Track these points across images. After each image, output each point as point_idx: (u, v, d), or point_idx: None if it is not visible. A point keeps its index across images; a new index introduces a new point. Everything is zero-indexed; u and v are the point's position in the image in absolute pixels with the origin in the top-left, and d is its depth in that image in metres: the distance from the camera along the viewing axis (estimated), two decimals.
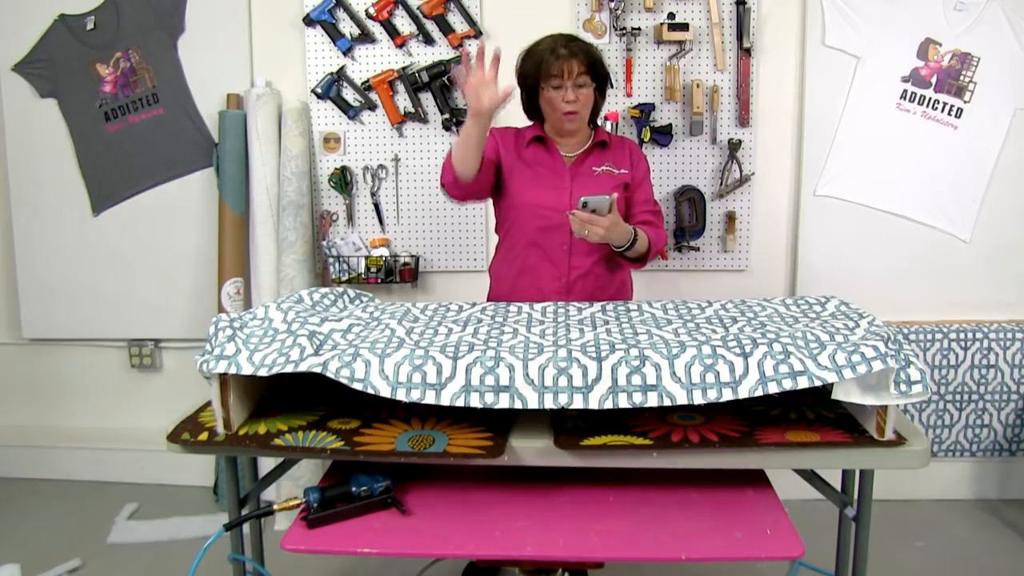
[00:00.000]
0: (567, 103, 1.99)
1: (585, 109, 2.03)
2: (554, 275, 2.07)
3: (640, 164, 2.15)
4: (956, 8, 2.68)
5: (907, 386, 1.37)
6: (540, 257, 2.08)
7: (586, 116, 2.06)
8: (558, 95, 1.99)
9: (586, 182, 2.05)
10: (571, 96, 1.98)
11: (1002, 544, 2.62)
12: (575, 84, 1.98)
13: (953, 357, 2.80)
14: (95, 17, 2.89)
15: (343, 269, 2.87)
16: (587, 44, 2.03)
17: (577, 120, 2.03)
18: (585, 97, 2.01)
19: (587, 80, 2.00)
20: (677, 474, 1.50)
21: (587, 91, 2.01)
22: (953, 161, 2.76)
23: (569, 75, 1.97)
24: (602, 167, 2.08)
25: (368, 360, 1.42)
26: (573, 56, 1.97)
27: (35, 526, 2.79)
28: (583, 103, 2.01)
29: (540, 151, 2.10)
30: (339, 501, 1.43)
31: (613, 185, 2.03)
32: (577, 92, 1.99)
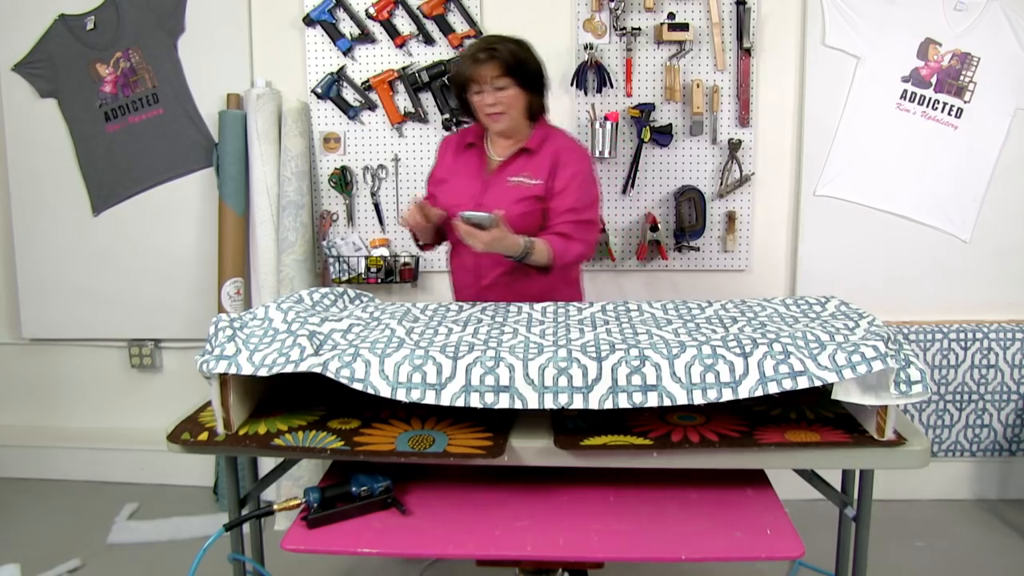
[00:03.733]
0: (487, 106, 2.04)
1: (512, 109, 2.05)
2: (468, 282, 2.17)
3: (563, 172, 2.07)
4: (956, 8, 2.68)
5: (907, 386, 1.37)
6: (459, 264, 2.20)
7: (515, 116, 2.07)
8: (480, 99, 2.05)
9: (497, 193, 2.07)
10: (490, 100, 2.03)
11: (1002, 544, 2.62)
12: (494, 87, 2.02)
13: (953, 357, 2.80)
14: (95, 17, 2.89)
15: (343, 269, 2.87)
16: (510, 45, 2.04)
17: (504, 120, 2.06)
18: (508, 98, 2.03)
19: (508, 82, 2.02)
20: (677, 474, 1.50)
21: (509, 92, 2.03)
22: (953, 161, 2.76)
23: (485, 79, 2.02)
24: (518, 177, 2.08)
25: (368, 360, 1.42)
26: (489, 60, 2.00)
27: (35, 526, 2.79)
28: (506, 104, 2.04)
29: (472, 158, 2.16)
30: (339, 501, 1.43)
31: (519, 198, 2.05)
32: (497, 95, 2.02)
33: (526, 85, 2.06)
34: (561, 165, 2.07)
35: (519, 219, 2.01)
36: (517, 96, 2.05)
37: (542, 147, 2.10)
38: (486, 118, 2.06)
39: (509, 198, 2.05)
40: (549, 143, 2.11)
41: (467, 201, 2.06)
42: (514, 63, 2.02)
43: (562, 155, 2.09)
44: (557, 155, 2.08)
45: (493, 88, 2.02)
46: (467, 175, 2.14)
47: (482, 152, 2.15)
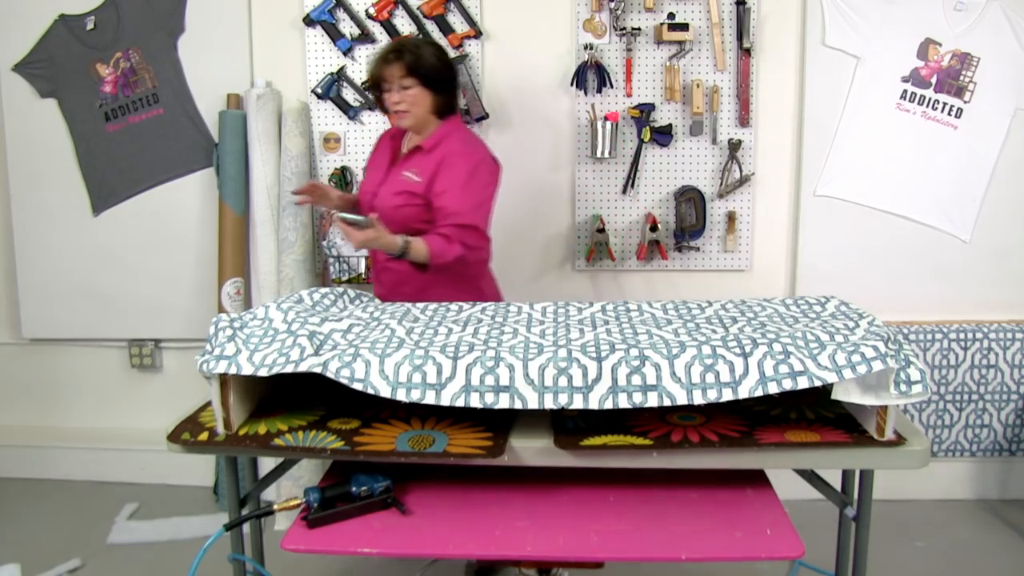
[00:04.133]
0: (393, 104, 2.18)
1: (415, 108, 2.17)
2: (372, 263, 2.38)
3: (444, 174, 2.15)
4: (956, 8, 2.68)
5: (907, 386, 1.37)
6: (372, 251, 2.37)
7: (420, 114, 2.19)
8: (388, 98, 2.19)
9: (391, 184, 2.23)
10: (395, 97, 2.17)
11: (1002, 544, 2.62)
12: (400, 86, 2.15)
13: (953, 357, 2.80)
14: (95, 17, 2.89)
15: (343, 269, 2.87)
16: (417, 47, 2.18)
17: (408, 118, 2.19)
18: (412, 97, 2.16)
19: (412, 82, 2.15)
20: (677, 474, 1.50)
21: (413, 91, 2.16)
22: (953, 161, 2.76)
23: (392, 78, 2.15)
24: (408, 172, 2.20)
25: (368, 360, 1.42)
26: (396, 61, 2.14)
27: (35, 526, 2.79)
28: (410, 102, 2.16)
29: (389, 150, 2.33)
30: (339, 501, 1.43)
31: (399, 191, 2.19)
32: (402, 94, 2.16)
33: (430, 85, 2.18)
34: (445, 168, 2.16)
35: (393, 210, 2.17)
36: (421, 95, 2.17)
37: (436, 147, 2.20)
38: (393, 115, 2.21)
39: (393, 189, 2.21)
40: (444, 145, 2.20)
41: (373, 188, 2.28)
42: (418, 64, 2.15)
43: (448, 159, 2.17)
44: (444, 158, 2.17)
45: (399, 87, 2.15)
46: (379, 165, 2.32)
47: (398, 145, 2.32)
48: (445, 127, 2.24)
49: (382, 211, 2.16)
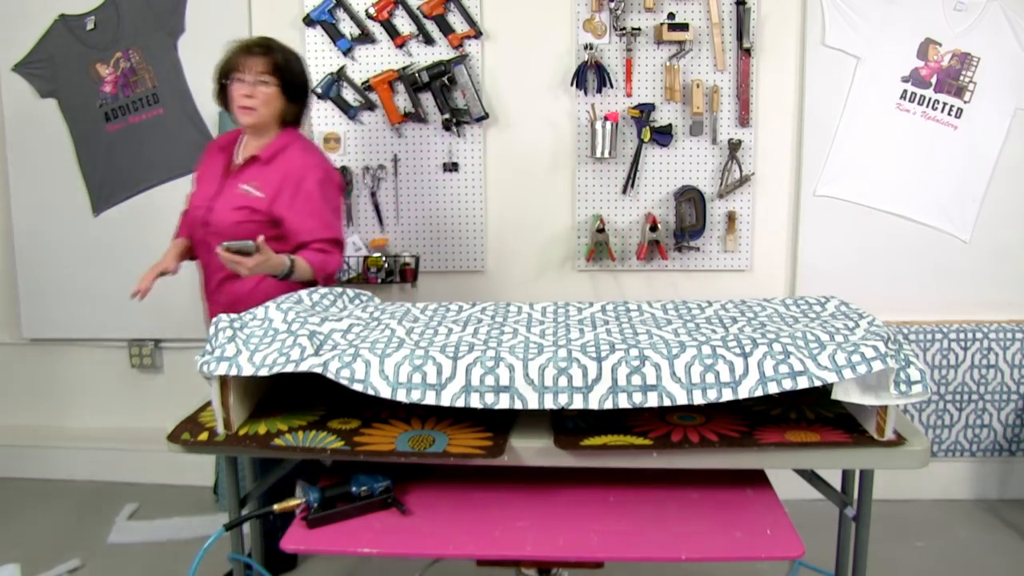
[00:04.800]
0: (243, 97, 2.05)
1: (265, 108, 2.07)
2: (204, 281, 2.23)
3: (299, 196, 2.06)
4: (956, 8, 2.68)
5: (907, 386, 1.38)
6: (203, 264, 2.23)
7: (266, 116, 2.09)
8: (238, 90, 2.05)
9: (226, 197, 2.10)
10: (247, 91, 2.04)
11: (1002, 544, 2.62)
12: (256, 80, 2.04)
13: (953, 357, 2.80)
14: (95, 17, 2.89)
15: (343, 269, 2.87)
16: (284, 50, 2.11)
17: (253, 117, 2.07)
18: (266, 95, 2.06)
19: (273, 80, 2.06)
20: (677, 474, 1.50)
21: (268, 90, 2.06)
22: (953, 161, 2.76)
23: (250, 69, 2.04)
24: (247, 185, 2.08)
25: (368, 360, 1.42)
26: (263, 55, 2.05)
27: (35, 526, 2.79)
28: (262, 100, 2.05)
29: (221, 161, 2.18)
30: (339, 501, 1.43)
31: (239, 206, 2.06)
32: (256, 88, 2.04)
33: (287, 90, 2.10)
34: (293, 184, 2.06)
35: (233, 227, 2.04)
36: (276, 97, 2.08)
37: (275, 159, 2.09)
38: (238, 109, 2.07)
39: (231, 204, 2.08)
40: (283, 158, 2.09)
41: (204, 204, 2.13)
42: (284, 65, 2.08)
43: (294, 173, 2.07)
44: (289, 174, 2.07)
45: (256, 81, 2.04)
46: (211, 177, 2.17)
47: (229, 156, 2.18)
48: (284, 137, 2.13)
49: (219, 227, 2.07)
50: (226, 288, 2.15)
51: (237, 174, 2.12)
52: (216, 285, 2.17)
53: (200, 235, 2.16)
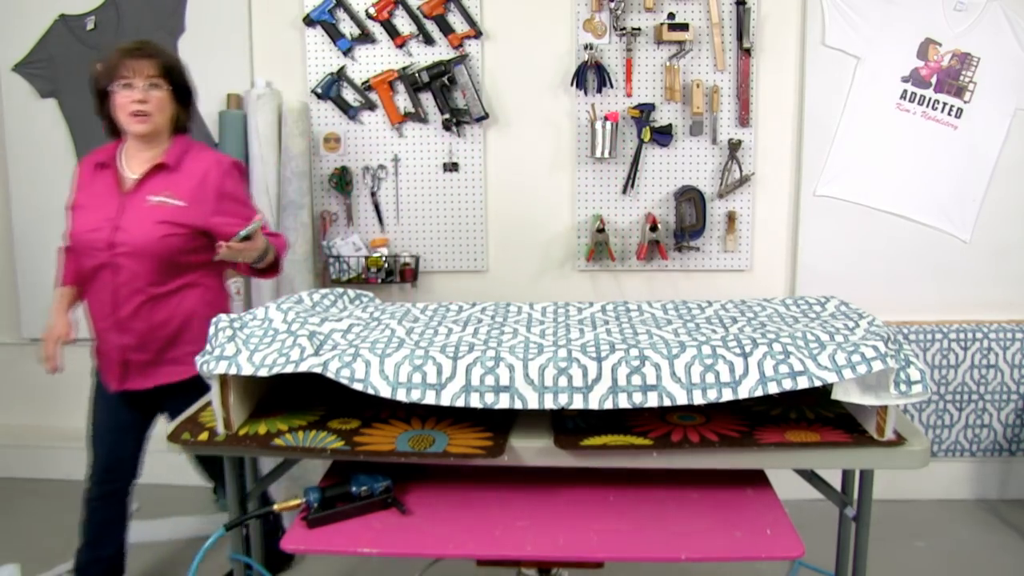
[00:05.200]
0: (135, 103, 1.89)
1: (159, 114, 1.93)
2: (105, 312, 2.00)
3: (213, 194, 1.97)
4: (956, 8, 2.68)
5: (907, 386, 1.37)
6: (95, 297, 2.01)
7: (161, 122, 1.95)
8: (127, 96, 1.90)
9: (136, 214, 1.92)
10: (139, 95, 1.89)
11: (1002, 544, 2.62)
12: (147, 84, 1.90)
13: (953, 357, 2.80)
14: (95, 17, 2.89)
15: (343, 269, 2.87)
16: (166, 51, 1.98)
17: (148, 123, 1.92)
18: (159, 100, 1.92)
19: (163, 83, 1.92)
20: (677, 474, 1.50)
21: (161, 94, 1.93)
22: (953, 161, 2.76)
23: (139, 74, 1.89)
24: (159, 196, 1.93)
25: (368, 360, 1.42)
26: (151, 57, 1.91)
27: (35, 526, 2.79)
28: (155, 106, 1.92)
29: (106, 178, 1.98)
30: (339, 501, 1.43)
31: (161, 219, 1.91)
32: (149, 93, 1.90)
33: (178, 94, 1.98)
34: (218, 187, 1.96)
35: (157, 243, 1.90)
36: (167, 102, 1.95)
37: (182, 163, 1.97)
38: (129, 117, 1.90)
39: (150, 219, 1.91)
40: (191, 160, 1.98)
41: (104, 225, 1.92)
42: (173, 67, 1.96)
43: (211, 176, 1.97)
44: (205, 177, 1.96)
45: (147, 86, 1.90)
46: (102, 197, 1.96)
47: (115, 171, 1.97)
48: (181, 142, 2.00)
49: (136, 245, 1.90)
50: (145, 313, 1.96)
51: (139, 188, 1.94)
52: (132, 312, 1.96)
53: (103, 259, 1.93)
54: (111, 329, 1.99)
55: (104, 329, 2.02)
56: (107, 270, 1.95)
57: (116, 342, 2.00)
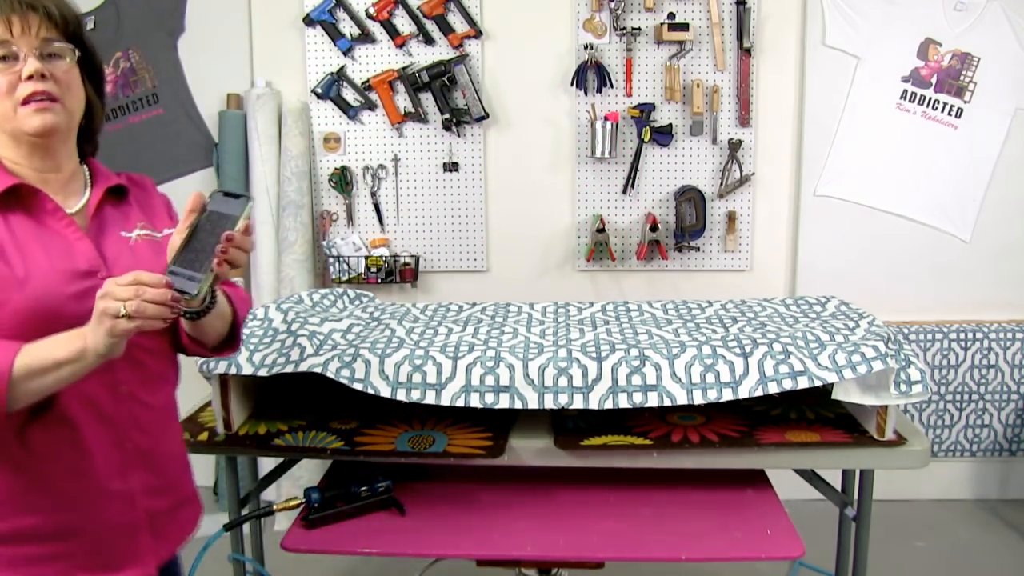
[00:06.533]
0: (29, 82, 1.04)
1: (71, 97, 1.09)
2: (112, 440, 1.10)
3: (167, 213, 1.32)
4: (956, 8, 2.68)
5: (907, 386, 1.38)
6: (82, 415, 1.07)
7: (73, 110, 1.11)
8: (10, 70, 1.04)
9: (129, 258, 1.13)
10: (35, 68, 1.04)
11: (1002, 544, 2.62)
12: (41, 51, 1.06)
13: (953, 357, 2.80)
14: (95, 17, 2.89)
15: (343, 269, 2.87)
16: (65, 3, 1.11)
17: (56, 113, 1.07)
18: (67, 76, 1.08)
19: (67, 50, 1.08)
20: (677, 474, 1.50)
21: (67, 67, 1.08)
22: (953, 161, 2.76)
23: (27, 35, 1.05)
24: (137, 230, 1.20)
25: (368, 360, 1.42)
26: (45, 13, 1.07)
27: None
28: (64, 84, 1.08)
29: (30, 218, 1.08)
30: (339, 501, 1.43)
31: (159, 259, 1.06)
32: (49, 65, 1.06)
33: (90, 72, 1.15)
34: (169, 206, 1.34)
35: None
36: (76, 79, 1.10)
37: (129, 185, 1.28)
38: (22, 108, 1.05)
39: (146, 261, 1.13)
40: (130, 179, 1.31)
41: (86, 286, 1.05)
42: (77, 25, 1.11)
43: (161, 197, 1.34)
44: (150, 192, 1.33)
45: (41, 53, 1.06)
46: (49, 244, 1.07)
47: (42, 202, 1.09)
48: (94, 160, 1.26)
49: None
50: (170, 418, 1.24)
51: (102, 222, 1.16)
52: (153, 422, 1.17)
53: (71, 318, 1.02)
54: (119, 471, 1.11)
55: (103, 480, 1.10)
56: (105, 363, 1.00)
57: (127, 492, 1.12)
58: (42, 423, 1.05)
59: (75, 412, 1.07)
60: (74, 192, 1.17)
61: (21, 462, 1.05)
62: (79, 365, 0.97)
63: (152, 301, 0.94)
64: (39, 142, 1.09)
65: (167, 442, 1.21)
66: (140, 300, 0.93)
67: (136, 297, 0.93)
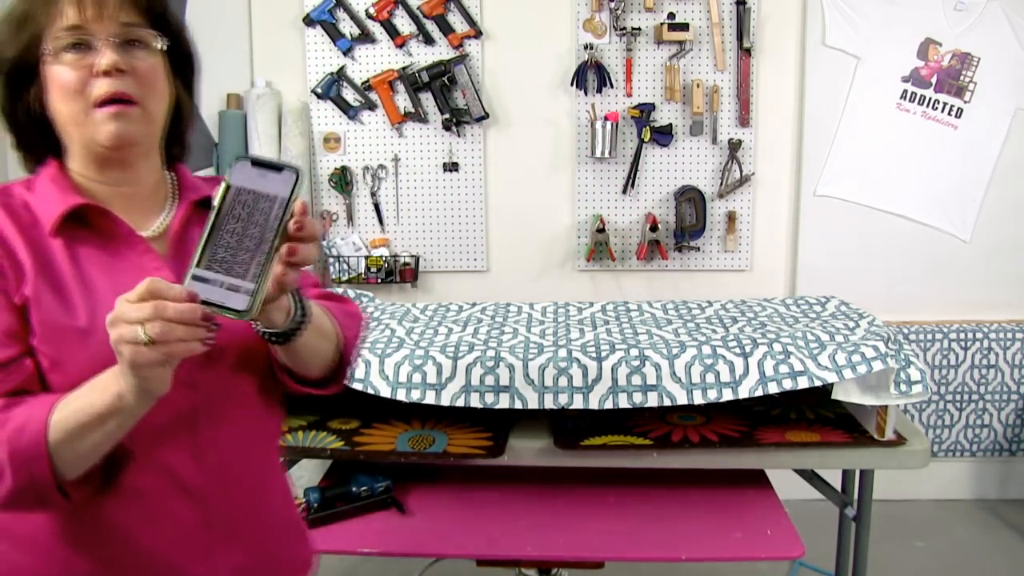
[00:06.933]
0: (105, 79, 0.84)
1: (154, 98, 0.88)
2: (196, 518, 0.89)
3: None
4: (956, 8, 2.68)
5: (907, 386, 1.38)
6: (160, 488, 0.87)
7: (156, 121, 0.90)
8: (82, 63, 0.84)
9: None
10: (112, 59, 0.83)
11: (1002, 544, 2.62)
12: (123, 37, 0.85)
13: (953, 357, 2.80)
14: None
15: (343, 269, 2.87)
16: None
17: (134, 123, 0.86)
18: (151, 71, 0.87)
19: (150, 36, 0.88)
20: (677, 474, 1.50)
21: (151, 59, 0.88)
22: (953, 161, 2.76)
23: (102, 14, 0.85)
24: None
25: (368, 360, 1.42)
26: None
27: None
28: (149, 83, 0.87)
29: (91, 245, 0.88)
30: (339, 501, 1.43)
31: None
32: (130, 56, 0.85)
33: (178, 63, 0.94)
34: None
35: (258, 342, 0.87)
36: (163, 76, 0.90)
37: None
38: (96, 112, 0.85)
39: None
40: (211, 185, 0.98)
41: None
42: (164, 7, 0.91)
43: None
44: None
45: (119, 42, 0.85)
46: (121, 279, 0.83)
47: (114, 225, 0.89)
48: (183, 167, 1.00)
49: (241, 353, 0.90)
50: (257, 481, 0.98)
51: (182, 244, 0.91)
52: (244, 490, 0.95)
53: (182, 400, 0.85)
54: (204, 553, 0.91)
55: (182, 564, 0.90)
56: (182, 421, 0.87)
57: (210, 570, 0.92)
58: (110, 499, 0.84)
59: (150, 485, 0.86)
60: (155, 208, 0.94)
61: (85, 544, 0.86)
62: (123, 415, 0.76)
63: (178, 320, 0.70)
64: (114, 155, 0.88)
65: (267, 512, 0.98)
66: (162, 320, 0.69)
67: (156, 317, 0.69)
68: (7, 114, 0.92)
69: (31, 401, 0.79)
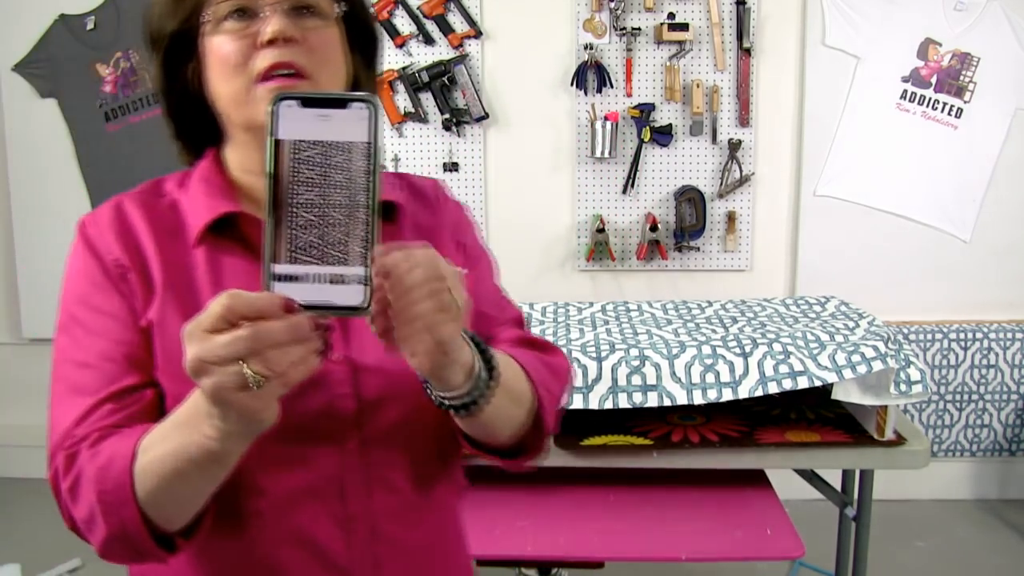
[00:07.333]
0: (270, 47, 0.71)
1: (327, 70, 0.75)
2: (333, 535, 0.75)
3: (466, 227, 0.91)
4: (956, 8, 2.68)
5: (907, 386, 1.38)
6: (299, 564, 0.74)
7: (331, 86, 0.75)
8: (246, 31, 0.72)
9: None
10: (279, 26, 0.70)
11: (1002, 544, 2.62)
12: (293, 3, 0.73)
13: (953, 357, 2.80)
14: (95, 17, 2.89)
15: None
16: None
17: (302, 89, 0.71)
18: (324, 40, 0.74)
19: (327, 5, 0.75)
20: (677, 474, 1.50)
21: (324, 27, 0.75)
22: (953, 161, 2.76)
23: None
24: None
25: None
26: None
27: (35, 526, 2.79)
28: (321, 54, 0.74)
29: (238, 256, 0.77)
30: None
31: None
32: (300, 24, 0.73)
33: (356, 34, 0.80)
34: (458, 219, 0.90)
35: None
36: (337, 46, 0.77)
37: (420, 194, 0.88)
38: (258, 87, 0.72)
39: None
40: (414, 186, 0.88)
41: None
42: None
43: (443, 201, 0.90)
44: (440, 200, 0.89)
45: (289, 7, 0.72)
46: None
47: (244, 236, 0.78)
48: None
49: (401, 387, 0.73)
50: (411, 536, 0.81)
51: None
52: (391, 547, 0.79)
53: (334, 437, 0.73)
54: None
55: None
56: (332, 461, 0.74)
57: None
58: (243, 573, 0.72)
59: (288, 560, 0.72)
60: None
61: None
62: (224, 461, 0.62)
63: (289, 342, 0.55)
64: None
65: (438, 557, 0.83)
66: (267, 349, 0.54)
67: (260, 347, 0.53)
68: (165, 97, 0.82)
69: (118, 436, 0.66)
